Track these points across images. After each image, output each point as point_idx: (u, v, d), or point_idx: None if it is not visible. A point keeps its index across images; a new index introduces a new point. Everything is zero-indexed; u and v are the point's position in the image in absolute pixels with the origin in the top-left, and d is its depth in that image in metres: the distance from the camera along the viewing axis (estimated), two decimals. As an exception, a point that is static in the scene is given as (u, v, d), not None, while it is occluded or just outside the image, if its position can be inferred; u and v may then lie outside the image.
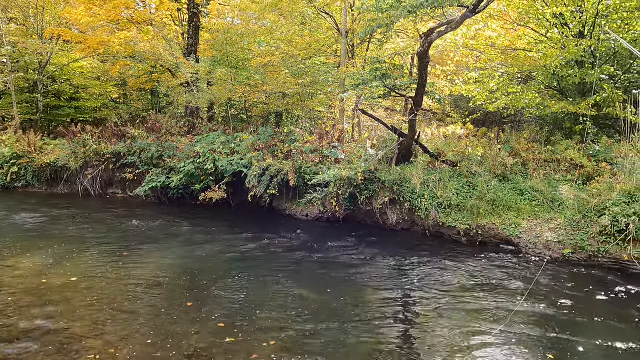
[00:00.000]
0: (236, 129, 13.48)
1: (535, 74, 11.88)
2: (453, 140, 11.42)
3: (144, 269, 6.56)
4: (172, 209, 11.11)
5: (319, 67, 12.84)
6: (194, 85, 13.79)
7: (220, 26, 14.08)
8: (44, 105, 17.10)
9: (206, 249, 7.67)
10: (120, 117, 18.37)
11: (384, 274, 6.49)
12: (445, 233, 8.23)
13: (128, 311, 5.10)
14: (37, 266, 6.53)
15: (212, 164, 10.77)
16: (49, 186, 13.59)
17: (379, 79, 8.41)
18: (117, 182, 13.01)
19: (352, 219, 9.63)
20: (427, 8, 6.99)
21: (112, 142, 13.15)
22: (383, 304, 5.47)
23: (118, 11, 15.02)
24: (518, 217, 7.72)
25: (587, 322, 4.88)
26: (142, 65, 16.76)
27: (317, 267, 6.76)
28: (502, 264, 6.79)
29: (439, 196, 8.26)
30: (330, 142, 10.99)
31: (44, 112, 17.10)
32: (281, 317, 4.98)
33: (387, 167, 9.27)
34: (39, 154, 13.52)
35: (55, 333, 4.54)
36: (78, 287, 5.79)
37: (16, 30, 16.76)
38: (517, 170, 9.15)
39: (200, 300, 5.46)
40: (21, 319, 4.80)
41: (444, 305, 5.39)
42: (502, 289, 5.84)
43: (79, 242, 7.90)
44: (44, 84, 17.02)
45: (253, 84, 12.73)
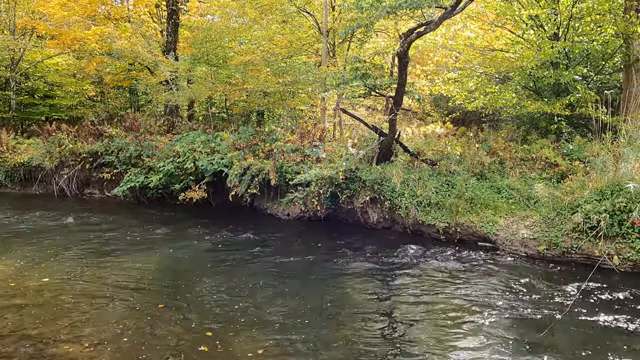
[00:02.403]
0: (217, 127, 13.36)
1: (512, 74, 12.13)
2: (433, 139, 11.56)
3: (121, 271, 6.45)
4: (151, 209, 10.94)
5: (300, 66, 12.83)
6: (173, 83, 13.59)
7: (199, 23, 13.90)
8: (16, 103, 16.61)
9: (186, 250, 7.59)
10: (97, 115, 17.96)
11: (366, 272, 6.54)
12: (425, 231, 8.34)
13: (104, 314, 5.01)
14: (9, 269, 6.36)
15: (192, 163, 10.66)
16: (22, 186, 13.22)
17: (359, 79, 8.46)
18: (94, 182, 12.74)
19: (333, 218, 9.67)
20: (406, 9, 7.05)
21: (89, 141, 12.87)
22: (366, 303, 5.51)
23: (94, 6, 14.72)
24: (495, 214, 7.88)
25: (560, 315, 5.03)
26: (120, 63, 16.44)
27: (298, 268, 6.77)
28: (479, 261, 6.92)
29: (419, 195, 8.37)
30: (311, 141, 10.99)
31: (16, 110, 16.62)
32: (261, 319, 4.97)
33: (367, 166, 9.33)
34: (12, 153, 13.14)
35: (29, 338, 4.43)
36: (52, 290, 5.66)
37: (-14, 26, 16.21)
38: (494, 168, 9.33)
39: (180, 303, 5.40)
40: (-7, 324, 4.67)
41: (423, 301, 5.47)
42: (480, 285, 5.96)
43: (53, 244, 7.71)
44: (17, 81, 16.53)
45: (233, 82, 12.64)
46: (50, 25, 15.83)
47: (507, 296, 5.58)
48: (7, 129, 14.75)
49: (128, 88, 19.74)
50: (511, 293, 5.68)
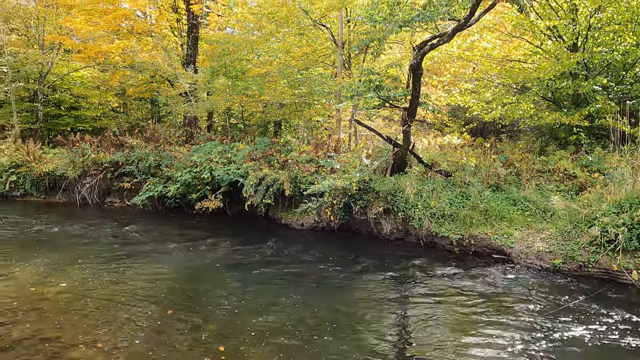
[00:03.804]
0: (234, 138, 13.60)
1: (530, 85, 12.01)
2: (448, 150, 11.50)
3: (139, 278, 6.60)
4: (168, 218, 11.17)
5: (315, 78, 13.00)
6: (192, 95, 13.93)
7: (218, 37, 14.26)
8: (43, 114, 17.27)
9: (201, 259, 7.72)
10: (119, 126, 18.55)
11: (378, 283, 6.53)
12: (439, 243, 8.28)
13: (119, 320, 5.14)
14: (30, 275, 6.58)
15: (208, 173, 10.86)
16: (47, 195, 13.68)
17: (373, 91, 8.52)
18: (114, 191, 13.09)
19: (346, 229, 9.69)
20: (419, 22, 7.11)
21: (111, 152, 13.26)
22: (377, 313, 5.50)
23: (118, 21, 15.26)
24: (510, 227, 7.77)
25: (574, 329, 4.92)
26: (142, 75, 16.97)
27: (311, 277, 6.81)
28: (493, 274, 6.83)
29: (432, 206, 8.33)
30: (326, 152, 11.09)
31: (43, 121, 17.26)
32: (273, 329, 5.02)
33: (381, 177, 9.34)
34: (38, 162, 13.63)
35: (47, 342, 4.58)
36: (71, 295, 5.84)
37: (17, 41, 16.96)
38: (510, 180, 9.22)
39: (195, 310, 5.50)
40: (14, 328, 4.85)
41: (435, 315, 5.43)
42: (494, 299, 5.88)
43: (75, 251, 7.96)
44: (44, 93, 17.20)
45: (250, 94, 12.88)
46: (76, 39, 16.49)
47: (522, 311, 5.49)
48: (34, 139, 15.35)
49: (149, 99, 20.33)
50: (527, 308, 5.58)
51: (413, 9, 7.47)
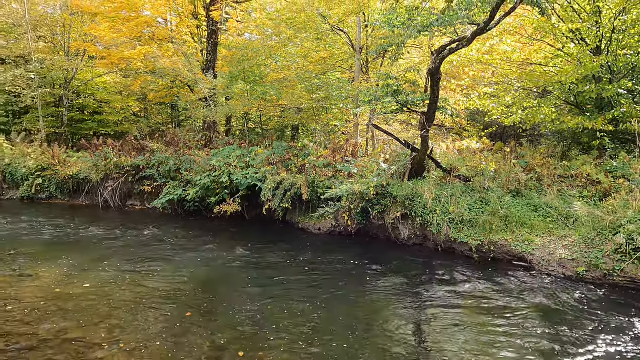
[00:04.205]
0: (252, 142, 13.74)
1: (552, 88, 11.80)
2: (467, 154, 11.38)
3: (159, 280, 6.72)
4: (188, 221, 11.33)
5: (333, 82, 13.03)
6: (211, 100, 14.13)
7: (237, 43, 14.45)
8: (68, 119, 17.76)
9: (219, 262, 7.81)
10: (140, 130, 18.93)
11: (397, 289, 6.49)
12: (457, 249, 8.19)
13: (142, 321, 5.24)
14: (55, 275, 6.77)
15: (227, 177, 10.99)
16: (71, 198, 14.05)
17: (391, 95, 8.50)
18: (135, 194, 13.36)
19: (364, 233, 9.66)
20: (438, 27, 7.08)
21: (132, 155, 13.54)
22: (396, 321, 5.47)
23: (140, 28, 15.60)
24: (531, 233, 7.63)
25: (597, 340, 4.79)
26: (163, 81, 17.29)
27: (329, 282, 6.81)
28: (514, 281, 6.71)
29: (451, 211, 8.24)
30: (343, 156, 11.10)
31: (68, 125, 17.75)
32: (293, 334, 5.04)
33: (399, 181, 9.30)
34: (63, 166, 14.01)
35: (70, 341, 4.70)
36: (93, 296, 5.97)
37: (44, 48, 17.51)
38: (531, 185, 9.06)
39: (213, 313, 5.57)
40: (40, 327, 4.99)
41: (456, 323, 5.36)
42: (515, 306, 5.78)
43: (98, 253, 8.15)
44: (69, 98, 17.69)
45: (269, 98, 12.99)
46: (100, 46, 16.92)
47: (545, 321, 5.38)
48: (59, 143, 15.80)
49: (169, 104, 20.70)
50: (550, 317, 5.47)
51: (432, 14, 7.44)
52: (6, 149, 14.87)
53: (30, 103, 16.80)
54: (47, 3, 17.01)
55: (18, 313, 5.34)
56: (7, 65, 17.39)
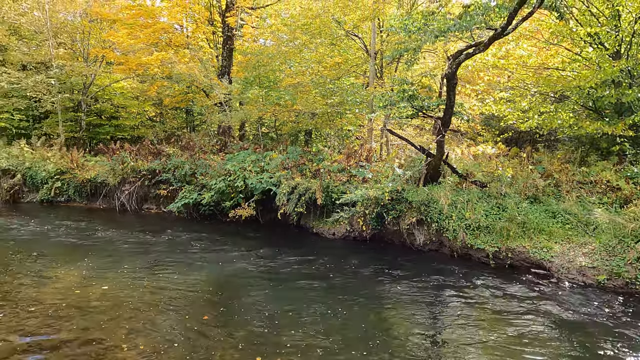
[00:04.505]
0: (266, 147, 13.82)
1: (569, 93, 11.64)
2: (483, 160, 11.27)
3: (174, 283, 6.78)
4: (203, 225, 11.42)
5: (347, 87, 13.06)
6: (226, 105, 14.27)
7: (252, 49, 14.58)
8: (86, 124, 18.10)
9: (234, 266, 7.85)
10: (156, 135, 19.20)
11: (413, 296, 6.45)
12: (474, 255, 8.10)
13: (160, 324, 5.29)
14: (75, 278, 6.88)
15: (242, 181, 11.07)
16: (88, 201, 14.28)
17: (407, 100, 8.49)
18: (151, 198, 13.52)
19: (379, 239, 9.63)
20: (455, 32, 7.06)
21: (148, 160, 13.73)
22: (410, 328, 5.44)
23: (157, 35, 15.84)
24: (550, 240, 7.52)
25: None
26: (178, 86, 17.54)
27: (343, 287, 6.80)
28: (533, 289, 6.61)
29: (467, 217, 8.17)
30: (358, 161, 11.09)
31: (86, 130, 18.09)
32: (310, 340, 5.03)
33: (414, 187, 9.26)
34: (81, 170, 14.27)
35: (90, 343, 4.77)
36: (112, 298, 6.05)
37: (64, 54, 17.90)
38: (549, 191, 8.94)
39: (230, 316, 5.60)
40: (62, 329, 5.07)
41: (471, 331, 5.30)
42: (534, 314, 5.69)
43: (115, 255, 8.26)
44: (87, 103, 18.04)
45: (283, 103, 13.07)
46: (118, 52, 17.24)
47: (568, 330, 5.29)
48: (77, 147, 16.10)
49: (185, 109, 20.96)
50: (572, 327, 5.37)
51: (448, 19, 7.42)
52: (27, 152, 15.21)
53: (50, 108, 17.18)
54: (67, 10, 17.40)
55: (40, 314, 5.44)
56: (29, 71, 17.82)
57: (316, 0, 14.58)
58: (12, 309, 5.59)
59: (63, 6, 16.92)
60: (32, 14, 16.79)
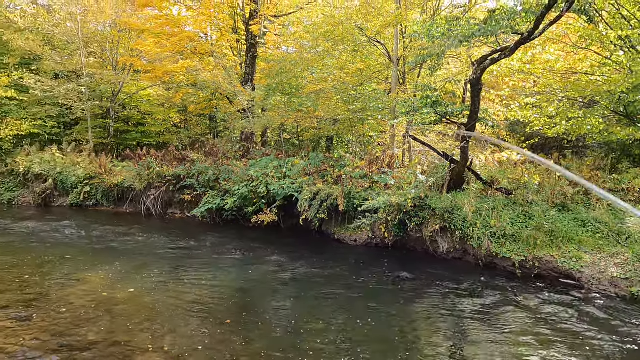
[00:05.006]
0: (288, 153, 13.91)
1: (599, 98, 11.31)
2: (508, 166, 11.05)
3: (198, 287, 6.87)
4: (226, 230, 11.55)
5: (369, 93, 13.05)
6: (250, 111, 14.46)
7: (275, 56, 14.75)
8: (114, 130, 18.62)
9: (257, 271, 7.90)
10: (180, 141, 19.60)
11: (437, 305, 6.35)
12: (499, 264, 7.92)
13: (184, 327, 5.37)
14: (102, 280, 7.06)
15: (264, 187, 11.16)
16: (115, 205, 14.65)
17: (430, 107, 8.41)
18: (176, 202, 13.77)
19: (401, 246, 9.53)
20: (480, 37, 6.97)
21: (173, 165, 14.01)
22: (435, 338, 5.35)
23: (183, 43, 16.22)
24: (579, 250, 7.29)
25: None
26: (203, 93, 17.89)
27: (365, 295, 6.75)
28: (561, 300, 6.41)
29: (493, 225, 8.01)
30: (380, 167, 11.04)
31: (114, 136, 18.61)
32: (332, 348, 5.02)
33: (437, 194, 9.14)
34: (109, 175, 14.67)
35: (118, 345, 4.88)
36: (138, 302, 6.18)
37: (94, 63, 18.52)
38: (578, 199, 8.68)
39: (252, 321, 5.64)
40: (90, 330, 5.20)
41: (498, 341, 5.18)
42: (563, 326, 5.52)
43: (140, 259, 8.44)
44: (115, 110, 18.57)
45: (305, 110, 13.15)
46: (145, 61, 17.72)
47: (602, 343, 5.11)
48: (105, 153, 16.58)
49: (208, 116, 21.34)
50: (607, 340, 5.18)
51: (473, 24, 7.33)
52: (58, 158, 15.74)
53: (80, 115, 17.75)
54: (97, 21, 18.00)
55: (69, 315, 5.60)
56: (61, 79, 18.50)
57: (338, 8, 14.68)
58: (44, 309, 5.77)
59: (94, 17, 17.52)
60: (65, 25, 17.44)
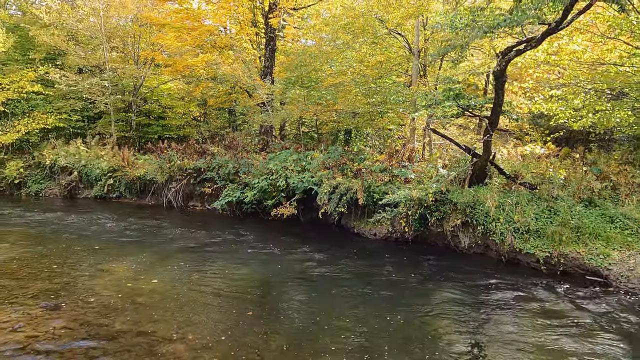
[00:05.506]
0: (306, 146, 13.90)
1: (628, 90, 10.92)
2: (531, 160, 10.81)
3: (219, 279, 6.96)
4: (245, 222, 11.66)
5: (389, 86, 12.90)
6: (269, 105, 14.49)
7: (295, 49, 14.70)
8: (136, 124, 18.92)
9: (277, 263, 7.95)
10: (200, 134, 19.79)
11: (456, 301, 6.28)
12: (523, 260, 7.78)
13: (207, 318, 5.45)
14: (127, 271, 7.21)
15: (284, 180, 11.19)
16: (138, 197, 14.94)
17: (452, 99, 8.27)
18: (196, 195, 13.95)
19: (421, 240, 9.45)
20: (505, 27, 6.80)
21: (194, 158, 14.17)
22: (456, 335, 5.30)
23: (203, 37, 16.32)
24: (607, 246, 7.09)
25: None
26: (222, 87, 17.99)
27: (386, 289, 6.73)
28: (590, 298, 6.26)
29: (516, 220, 7.86)
30: (400, 161, 10.94)
31: (135, 129, 18.91)
32: (346, 340, 5.02)
33: (459, 188, 9.01)
34: (131, 168, 14.94)
35: (143, 335, 4.98)
36: (161, 292, 6.30)
37: (116, 57, 18.81)
38: (606, 195, 8.44)
39: (273, 313, 5.69)
40: (116, 320, 5.33)
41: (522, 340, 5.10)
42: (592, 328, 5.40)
43: (163, 251, 8.60)
44: (137, 104, 18.86)
45: (325, 103, 13.09)
46: (165, 55, 17.90)
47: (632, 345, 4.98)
48: (128, 146, 16.88)
49: (227, 109, 21.47)
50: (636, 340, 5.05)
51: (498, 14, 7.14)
52: (82, 151, 16.11)
53: (103, 109, 18.10)
54: (119, 16, 18.25)
55: (97, 305, 5.75)
56: (84, 74, 18.86)
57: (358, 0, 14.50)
58: (73, 299, 5.94)
59: (116, 12, 17.76)
60: (88, 20, 17.73)
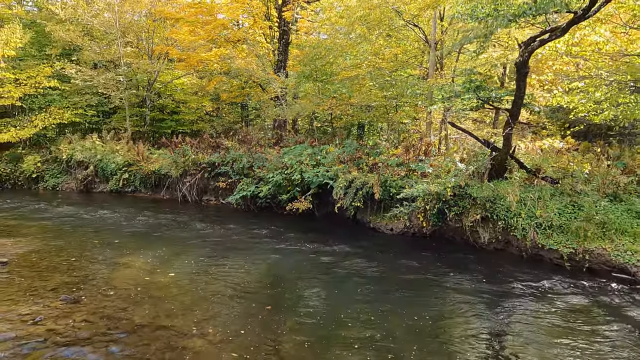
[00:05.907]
0: (320, 140, 13.79)
1: (654, 81, 10.58)
2: (551, 154, 10.55)
3: (236, 273, 6.92)
4: (260, 217, 11.61)
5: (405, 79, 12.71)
6: (283, 99, 14.39)
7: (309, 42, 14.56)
8: (150, 118, 19.00)
9: (294, 258, 7.88)
10: (214, 129, 19.80)
11: (476, 298, 6.14)
12: (545, 256, 7.59)
13: (226, 312, 5.40)
14: (144, 265, 7.21)
15: (299, 175, 11.11)
16: (153, 192, 15.01)
17: (473, 91, 8.08)
18: (211, 189, 13.96)
19: (439, 235, 9.30)
20: (529, 16, 6.58)
21: (208, 153, 14.17)
22: (473, 333, 5.17)
23: (217, 31, 16.28)
24: (635, 242, 6.87)
25: None
26: (235, 81, 17.94)
27: (402, 284, 6.62)
28: (615, 295, 6.07)
29: (538, 215, 7.66)
30: (416, 155, 10.78)
31: (150, 124, 18.99)
32: (362, 334, 4.93)
33: (478, 182, 8.83)
34: (146, 162, 15.00)
35: (162, 329, 4.95)
36: (179, 286, 6.27)
37: (131, 52, 18.86)
38: (631, 189, 8.18)
39: (292, 308, 5.62)
40: (135, 313, 5.31)
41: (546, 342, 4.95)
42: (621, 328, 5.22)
43: (179, 245, 8.59)
44: (151, 99, 18.92)
45: (339, 97, 12.96)
46: (179, 49, 17.91)
47: (654, 339, 4.81)
48: (142, 141, 16.95)
49: (240, 104, 21.44)
50: (660, 336, 4.88)
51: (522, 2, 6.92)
52: (98, 146, 16.23)
53: (118, 104, 18.20)
54: (133, 11, 18.29)
55: (116, 298, 5.74)
56: (100, 69, 18.97)
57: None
58: (92, 292, 5.94)
59: (130, 7, 17.80)
60: (103, 15, 17.80)
